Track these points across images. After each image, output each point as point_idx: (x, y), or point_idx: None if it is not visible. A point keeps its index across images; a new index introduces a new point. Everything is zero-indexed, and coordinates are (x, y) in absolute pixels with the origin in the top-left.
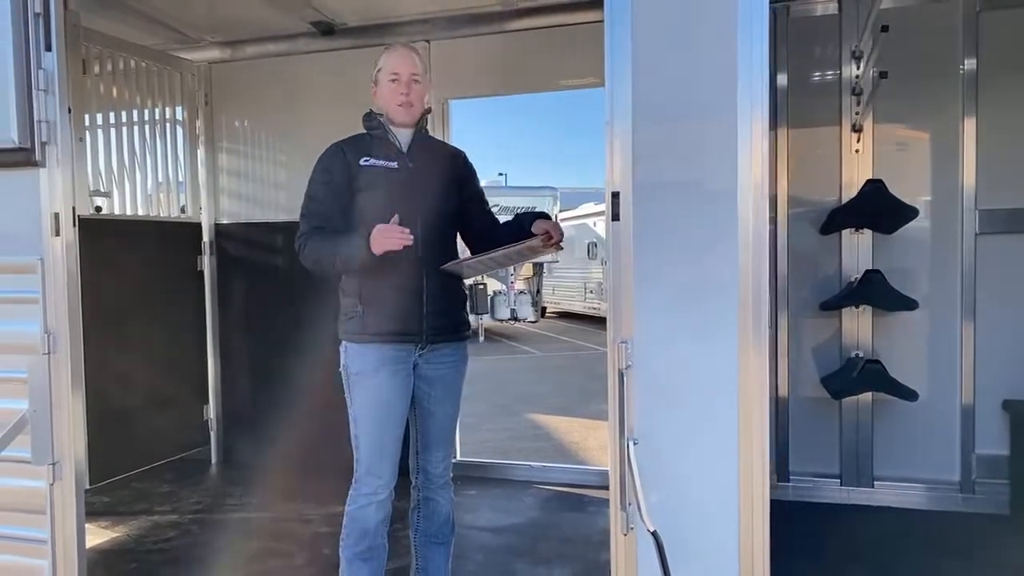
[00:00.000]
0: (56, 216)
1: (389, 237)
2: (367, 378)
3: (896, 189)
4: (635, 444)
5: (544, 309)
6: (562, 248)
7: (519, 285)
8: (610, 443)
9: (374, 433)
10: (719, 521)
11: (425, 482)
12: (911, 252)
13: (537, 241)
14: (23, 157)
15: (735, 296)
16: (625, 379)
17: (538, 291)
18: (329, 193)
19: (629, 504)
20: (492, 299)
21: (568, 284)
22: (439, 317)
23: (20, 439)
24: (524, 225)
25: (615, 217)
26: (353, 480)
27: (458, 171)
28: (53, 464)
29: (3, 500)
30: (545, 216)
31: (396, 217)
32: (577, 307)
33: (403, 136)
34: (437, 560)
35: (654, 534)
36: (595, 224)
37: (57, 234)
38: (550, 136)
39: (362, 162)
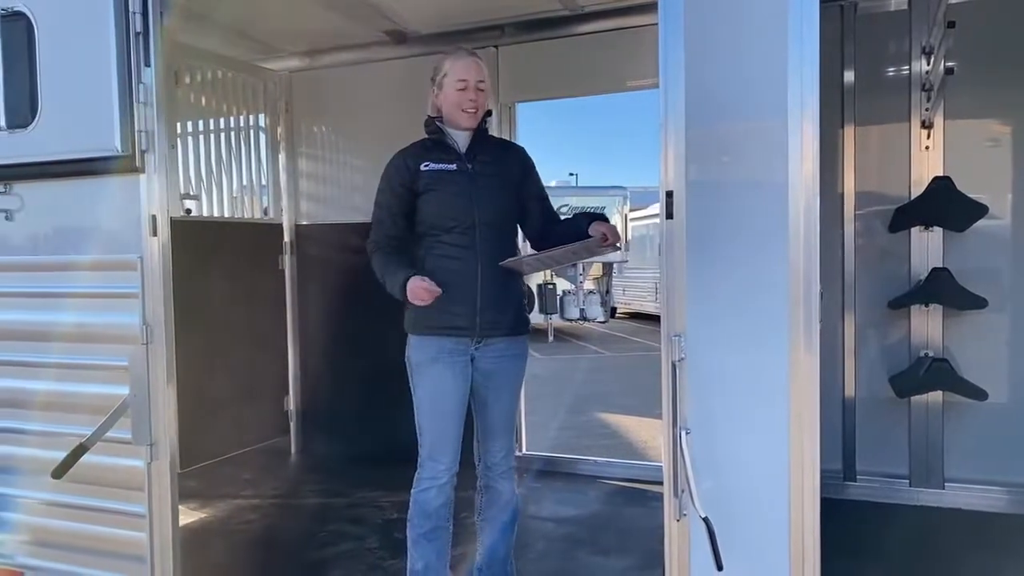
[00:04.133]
0: (154, 218)
1: (417, 294)
2: (426, 368)
3: (968, 186)
4: (688, 433)
5: (614, 310)
6: (619, 248)
7: (588, 285)
8: (663, 432)
9: (433, 421)
10: (769, 511)
11: (486, 470)
12: (985, 250)
13: (594, 242)
14: (125, 164)
15: (786, 294)
16: (678, 371)
17: (607, 291)
18: (392, 201)
19: (682, 491)
20: (561, 299)
21: (639, 284)
22: (493, 312)
23: (122, 421)
24: (582, 225)
25: (669, 215)
26: (418, 464)
27: (516, 169)
28: (151, 445)
29: (107, 477)
30: (603, 218)
31: (431, 286)
32: (648, 307)
33: (461, 138)
34: (498, 544)
35: (705, 520)
36: None
37: (155, 234)
38: (620, 136)
39: (422, 167)
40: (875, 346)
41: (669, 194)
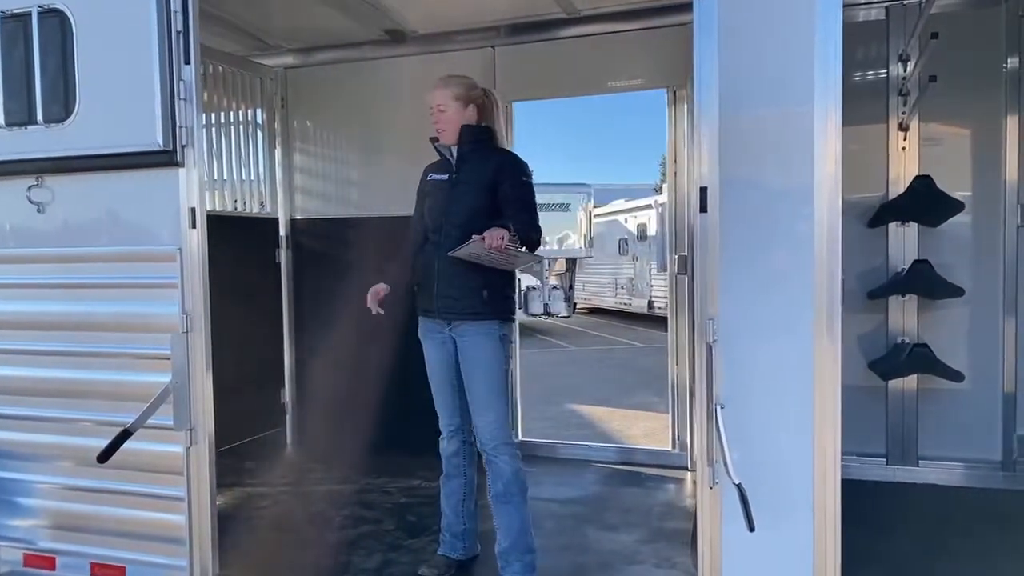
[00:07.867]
0: (192, 210)
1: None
2: (422, 342)
3: (940, 184)
4: (722, 408)
5: (575, 305)
6: (504, 247)
7: (552, 280)
8: (699, 407)
9: (433, 386)
10: (794, 479)
11: (481, 446)
12: (955, 245)
13: (475, 243)
14: (166, 158)
15: (810, 284)
16: (713, 351)
17: (571, 286)
18: (417, 202)
19: (715, 461)
20: (526, 294)
21: (599, 280)
22: (447, 299)
23: (162, 408)
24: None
25: (703, 209)
26: None
27: (489, 176)
28: (190, 429)
29: (148, 462)
30: (503, 226)
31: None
32: (608, 303)
33: (453, 152)
34: (505, 517)
35: (739, 486)
36: (626, 220)
37: (193, 226)
38: (586, 135)
39: (428, 177)
40: (853, 335)
41: (703, 190)
